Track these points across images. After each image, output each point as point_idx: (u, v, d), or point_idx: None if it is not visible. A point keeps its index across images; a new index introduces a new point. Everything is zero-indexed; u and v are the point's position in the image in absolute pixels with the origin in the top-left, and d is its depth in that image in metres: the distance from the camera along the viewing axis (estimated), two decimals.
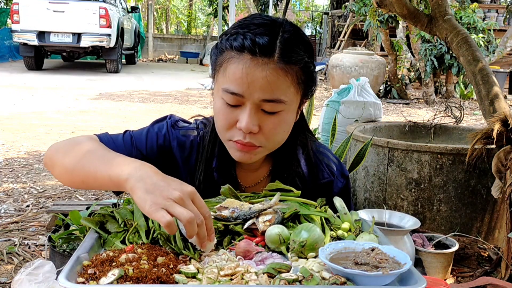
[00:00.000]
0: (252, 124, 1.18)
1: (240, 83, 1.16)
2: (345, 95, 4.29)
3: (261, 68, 1.15)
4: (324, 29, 21.94)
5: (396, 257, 0.96)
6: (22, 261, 2.93)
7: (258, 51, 1.15)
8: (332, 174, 1.44)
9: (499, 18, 13.85)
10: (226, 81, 1.19)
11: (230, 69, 1.18)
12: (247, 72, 1.15)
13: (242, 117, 1.18)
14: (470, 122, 8.45)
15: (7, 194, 4.10)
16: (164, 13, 29.33)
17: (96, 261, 0.94)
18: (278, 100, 1.18)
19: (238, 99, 1.18)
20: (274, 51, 1.16)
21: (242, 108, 1.19)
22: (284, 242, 1.07)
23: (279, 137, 1.26)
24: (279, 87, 1.17)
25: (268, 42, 1.16)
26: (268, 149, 1.27)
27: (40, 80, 11.27)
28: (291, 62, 1.18)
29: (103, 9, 12.47)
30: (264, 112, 1.19)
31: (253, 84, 1.15)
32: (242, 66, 1.16)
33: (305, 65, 1.21)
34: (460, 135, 3.89)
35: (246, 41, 1.16)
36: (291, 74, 1.18)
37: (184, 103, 9.40)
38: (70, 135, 6.33)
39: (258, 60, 1.15)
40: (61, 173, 1.25)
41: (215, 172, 1.34)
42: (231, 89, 1.17)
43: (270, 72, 1.15)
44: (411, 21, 3.90)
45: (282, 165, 1.39)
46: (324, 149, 1.48)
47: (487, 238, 3.18)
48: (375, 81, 10.10)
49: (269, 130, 1.21)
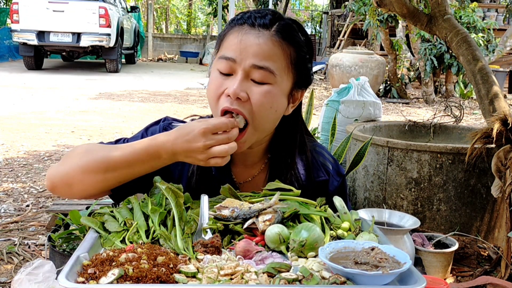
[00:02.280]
0: (240, 90, 1.22)
1: (235, 48, 1.23)
2: (345, 95, 4.29)
3: (257, 35, 1.23)
4: (323, 28, 21.94)
5: (396, 257, 0.96)
6: (22, 260, 2.93)
7: (257, 23, 1.24)
8: (328, 173, 1.45)
9: (499, 18, 13.85)
10: (222, 50, 1.26)
11: (228, 39, 1.26)
12: (242, 38, 1.23)
13: (232, 83, 1.22)
14: (470, 121, 8.45)
15: (7, 194, 4.10)
16: (163, 13, 29.32)
17: (96, 260, 0.94)
18: (268, 69, 1.22)
19: (231, 66, 1.23)
20: (272, 25, 1.24)
21: (233, 76, 1.24)
22: (284, 241, 1.07)
23: (266, 114, 1.25)
24: (270, 56, 1.23)
25: (269, 19, 1.25)
26: (255, 128, 1.25)
27: (39, 80, 11.27)
28: (286, 39, 1.25)
29: (102, 9, 12.46)
30: (253, 82, 1.23)
31: (246, 49, 1.22)
32: (239, 33, 1.24)
33: (300, 49, 1.28)
34: (459, 135, 3.89)
35: (249, 19, 1.25)
36: (285, 50, 1.25)
37: (183, 102, 9.40)
38: (69, 135, 6.33)
39: (255, 29, 1.23)
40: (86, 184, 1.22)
41: (213, 167, 1.34)
42: (225, 55, 1.24)
43: (264, 40, 1.23)
44: (410, 21, 3.90)
45: (277, 163, 1.39)
46: (320, 148, 1.49)
47: (486, 238, 3.18)
48: (374, 80, 10.10)
49: (256, 99, 1.23)
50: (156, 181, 1.25)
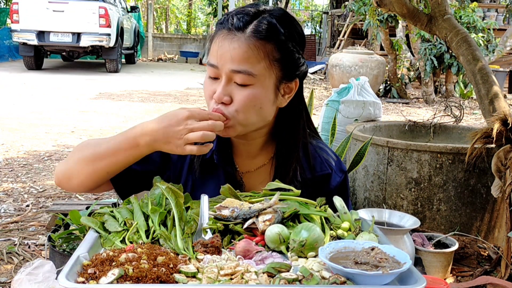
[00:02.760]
0: (223, 94, 1.26)
1: (215, 55, 1.27)
2: (345, 95, 4.29)
3: (232, 40, 1.25)
4: (323, 28, 21.94)
5: (396, 257, 0.96)
6: (22, 260, 2.93)
7: (232, 26, 1.25)
8: (330, 168, 1.46)
9: (499, 18, 13.85)
10: (209, 56, 1.30)
11: (213, 44, 1.30)
12: (220, 45, 1.26)
13: (217, 88, 1.27)
14: (470, 121, 8.45)
15: (7, 194, 4.10)
16: (163, 13, 29.31)
17: (96, 260, 0.94)
18: (246, 72, 1.25)
19: (215, 71, 1.28)
20: (247, 26, 1.25)
21: (219, 80, 1.28)
22: (284, 241, 1.07)
23: (251, 112, 1.29)
24: (247, 59, 1.24)
25: (244, 20, 1.26)
26: (240, 124, 1.29)
27: (39, 80, 11.27)
28: (263, 38, 1.25)
29: (102, 9, 12.46)
30: (236, 84, 1.26)
31: (224, 56, 1.25)
32: (219, 40, 1.27)
33: (282, 44, 1.28)
34: (459, 135, 3.89)
35: (227, 22, 1.27)
36: (263, 50, 1.26)
37: (184, 102, 9.40)
38: (70, 134, 6.33)
39: (231, 34, 1.25)
40: (81, 177, 1.31)
41: (215, 155, 1.38)
42: (210, 61, 1.29)
43: (239, 44, 1.24)
44: (410, 21, 3.90)
45: (282, 155, 1.41)
46: (323, 145, 1.51)
47: (486, 238, 3.18)
48: (374, 80, 10.10)
49: (238, 101, 1.27)
50: (156, 181, 1.25)
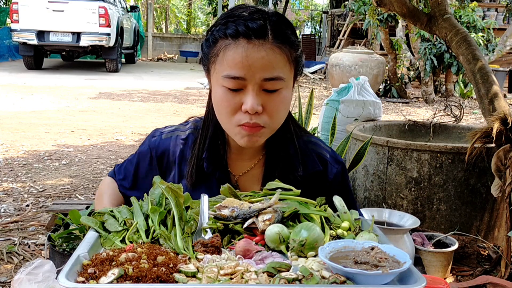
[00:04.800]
0: (257, 104, 1.23)
1: (241, 67, 1.22)
2: (345, 94, 4.29)
3: (258, 49, 1.22)
4: (323, 28, 21.93)
5: (395, 256, 0.96)
6: (22, 260, 2.93)
7: (253, 34, 1.22)
8: (325, 161, 1.46)
9: (499, 17, 13.84)
10: (225, 68, 1.24)
11: (229, 56, 1.23)
12: (246, 55, 1.21)
13: (247, 99, 1.24)
14: (470, 121, 8.45)
15: (6, 194, 4.10)
16: (163, 12, 29.29)
17: (96, 260, 0.94)
18: (278, 78, 1.24)
19: (240, 83, 1.23)
20: (267, 32, 1.23)
21: (244, 91, 1.24)
22: (284, 241, 1.07)
23: (281, 115, 1.32)
24: (277, 65, 1.24)
25: (260, 25, 1.23)
26: (271, 129, 1.31)
27: (39, 80, 11.26)
28: (283, 41, 1.25)
29: (102, 9, 12.45)
30: (265, 91, 1.25)
31: (254, 66, 1.21)
32: (241, 50, 1.22)
33: (294, 44, 1.29)
34: (459, 134, 3.89)
35: (239, 27, 1.22)
36: (285, 53, 1.26)
37: (183, 102, 9.40)
38: (69, 134, 6.33)
39: (255, 42, 1.22)
40: None
41: (204, 163, 1.39)
42: (232, 74, 1.22)
43: (267, 52, 1.22)
44: (410, 20, 3.90)
45: (273, 155, 1.42)
46: (315, 139, 1.51)
47: (486, 237, 3.18)
48: (374, 80, 10.09)
49: (271, 108, 1.27)
50: (156, 181, 1.25)
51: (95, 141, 6.03)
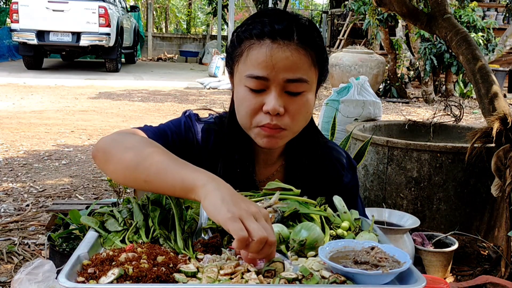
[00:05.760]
0: (279, 105, 1.21)
1: (264, 67, 1.20)
2: (345, 94, 4.29)
3: (283, 49, 1.20)
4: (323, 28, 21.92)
5: (395, 256, 0.96)
6: (22, 260, 2.93)
7: (278, 35, 1.20)
8: (342, 167, 1.47)
9: (499, 17, 13.85)
10: (249, 68, 1.22)
11: (252, 55, 1.22)
12: (271, 55, 1.20)
13: (269, 100, 1.22)
14: (470, 120, 8.45)
15: (6, 194, 4.10)
16: (163, 12, 29.30)
17: (96, 260, 0.94)
18: (302, 80, 1.22)
19: (263, 83, 1.22)
20: (293, 34, 1.21)
21: (266, 92, 1.23)
22: (284, 241, 1.07)
23: (303, 119, 1.29)
24: (301, 66, 1.22)
25: (286, 26, 1.21)
26: (292, 132, 1.29)
27: (39, 80, 11.26)
28: (309, 44, 1.23)
29: (102, 8, 12.45)
30: (288, 94, 1.23)
31: (277, 66, 1.20)
32: (265, 50, 1.20)
33: (320, 48, 1.27)
34: (459, 134, 3.89)
35: (265, 28, 1.21)
36: (310, 55, 1.23)
37: (183, 102, 9.40)
38: (69, 134, 6.33)
39: (279, 42, 1.20)
40: (118, 169, 1.16)
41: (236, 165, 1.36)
42: (255, 74, 1.21)
43: (292, 52, 1.20)
44: (410, 20, 3.90)
45: (294, 160, 1.41)
46: (331, 144, 1.51)
47: (486, 237, 3.18)
48: (374, 80, 10.09)
49: (294, 111, 1.24)
50: None
51: (95, 141, 6.02)
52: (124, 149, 1.16)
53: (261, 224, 0.93)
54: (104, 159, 1.20)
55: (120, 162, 1.15)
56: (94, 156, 1.24)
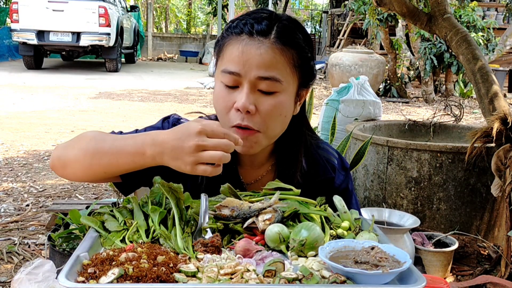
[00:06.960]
0: (249, 103, 1.20)
1: (237, 62, 1.20)
2: (345, 94, 4.29)
3: (256, 46, 1.20)
4: (323, 28, 21.93)
5: (395, 256, 0.96)
6: (22, 260, 2.93)
7: (255, 32, 1.20)
8: (333, 169, 1.44)
9: (499, 17, 13.84)
10: (224, 63, 1.23)
11: (228, 50, 1.23)
12: (243, 50, 1.20)
13: (240, 97, 1.21)
14: (470, 120, 8.45)
15: (6, 194, 4.10)
16: (163, 12, 29.30)
17: (96, 260, 0.94)
18: (274, 78, 1.20)
19: (236, 79, 1.21)
20: (270, 32, 1.21)
21: (239, 89, 1.22)
22: (284, 241, 1.07)
23: (277, 122, 1.26)
24: (274, 65, 1.20)
25: (266, 25, 1.21)
26: (266, 136, 1.26)
27: (39, 80, 11.26)
28: (287, 43, 1.22)
29: (102, 8, 12.45)
30: (261, 92, 1.22)
31: (249, 62, 1.19)
32: (239, 45, 1.20)
33: (302, 51, 1.25)
34: (459, 134, 3.89)
35: (245, 26, 1.21)
36: (287, 56, 1.22)
37: (183, 102, 9.39)
38: (69, 134, 6.33)
39: (255, 39, 1.20)
40: (75, 169, 1.22)
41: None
42: (228, 69, 1.21)
43: (266, 50, 1.20)
44: (410, 20, 3.90)
45: (284, 162, 1.39)
46: (324, 144, 1.49)
47: (486, 237, 3.18)
48: (374, 79, 10.09)
49: (265, 110, 1.22)
50: (156, 181, 1.25)
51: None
52: (78, 150, 1.21)
53: (208, 146, 1.05)
54: (60, 165, 1.26)
55: (75, 162, 1.21)
56: (52, 166, 1.29)
